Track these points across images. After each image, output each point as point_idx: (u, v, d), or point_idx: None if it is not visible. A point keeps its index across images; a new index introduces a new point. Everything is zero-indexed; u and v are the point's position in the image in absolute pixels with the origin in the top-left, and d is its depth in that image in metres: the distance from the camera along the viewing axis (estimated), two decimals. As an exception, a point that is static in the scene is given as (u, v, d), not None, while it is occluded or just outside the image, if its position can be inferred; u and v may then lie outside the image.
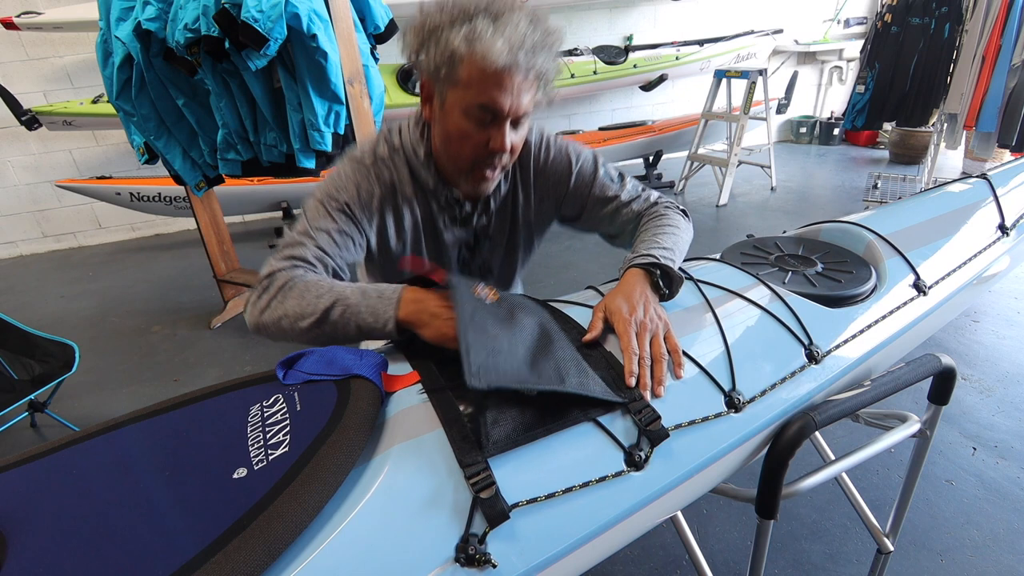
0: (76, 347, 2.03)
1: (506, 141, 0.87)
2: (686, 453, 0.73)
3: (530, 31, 0.81)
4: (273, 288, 0.83)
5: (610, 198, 1.05)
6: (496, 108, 0.83)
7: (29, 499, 0.61)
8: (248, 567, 0.48)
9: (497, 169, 0.92)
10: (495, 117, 0.85)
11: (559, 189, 1.06)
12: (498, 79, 0.81)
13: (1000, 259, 1.22)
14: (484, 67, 0.80)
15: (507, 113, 0.84)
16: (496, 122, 0.85)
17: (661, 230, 0.98)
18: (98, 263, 4.27)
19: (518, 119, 0.87)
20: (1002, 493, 1.60)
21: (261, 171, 2.48)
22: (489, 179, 0.93)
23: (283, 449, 0.61)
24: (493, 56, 0.78)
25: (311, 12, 1.94)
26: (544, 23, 0.85)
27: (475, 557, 0.56)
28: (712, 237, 3.76)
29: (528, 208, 1.07)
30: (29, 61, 4.12)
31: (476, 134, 0.86)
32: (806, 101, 6.46)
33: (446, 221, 1.02)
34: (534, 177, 1.05)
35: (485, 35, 0.78)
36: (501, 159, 0.90)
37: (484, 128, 0.86)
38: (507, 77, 0.81)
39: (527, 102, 0.86)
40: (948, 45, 3.66)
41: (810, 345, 0.87)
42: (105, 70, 2.35)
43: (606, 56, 4.82)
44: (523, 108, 0.86)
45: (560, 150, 1.05)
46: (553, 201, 1.08)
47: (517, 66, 0.80)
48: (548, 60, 0.85)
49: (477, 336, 0.67)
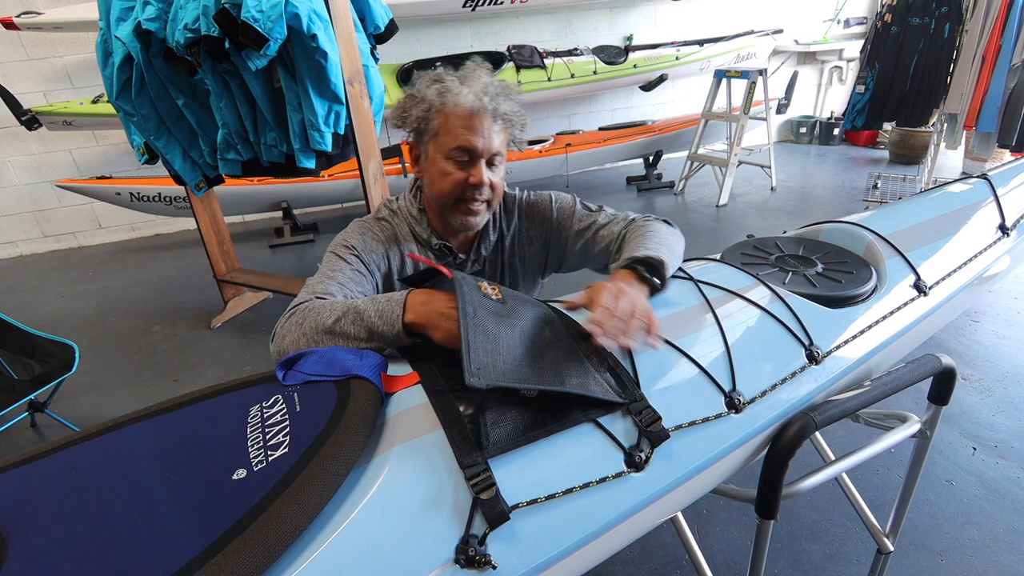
0: (76, 347, 2.03)
1: (483, 175, 0.98)
2: (686, 454, 0.73)
3: (491, 81, 0.99)
4: (296, 317, 0.87)
5: (589, 225, 1.13)
6: (470, 147, 0.96)
7: (29, 499, 0.61)
8: (248, 568, 0.48)
9: (480, 203, 1.02)
10: (471, 156, 0.98)
11: (544, 227, 1.16)
12: (468, 122, 0.95)
13: (1000, 259, 1.22)
14: (456, 113, 0.95)
15: (480, 152, 0.97)
16: (472, 160, 0.98)
17: (643, 237, 1.00)
18: (98, 263, 4.27)
19: (492, 158, 1.00)
20: (1002, 493, 1.60)
21: (261, 171, 2.48)
22: (475, 212, 1.02)
23: (283, 450, 0.61)
24: (462, 102, 0.95)
25: (311, 12, 1.94)
26: (503, 82, 1.02)
27: (475, 558, 0.56)
28: (712, 237, 3.76)
29: (515, 252, 1.17)
30: (29, 61, 4.12)
31: (457, 173, 0.98)
32: (806, 101, 6.46)
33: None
34: (519, 221, 1.16)
35: (454, 87, 0.96)
36: (482, 193, 1.00)
37: (463, 168, 0.98)
38: (476, 120, 0.95)
39: (498, 143, 0.99)
40: (948, 45, 3.66)
41: (810, 346, 0.87)
42: (105, 70, 2.35)
43: (606, 56, 4.82)
44: (495, 147, 0.98)
45: (541, 195, 1.18)
46: (541, 242, 1.17)
47: (484, 109, 0.95)
48: (510, 104, 0.99)
49: (478, 335, 0.67)
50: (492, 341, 0.68)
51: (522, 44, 4.66)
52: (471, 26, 4.97)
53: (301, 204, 4.42)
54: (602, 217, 1.12)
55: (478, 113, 0.95)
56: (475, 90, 0.95)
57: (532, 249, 1.18)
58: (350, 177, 4.06)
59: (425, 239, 1.09)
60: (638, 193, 4.95)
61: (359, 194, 3.19)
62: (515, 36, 5.07)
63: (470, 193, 0.99)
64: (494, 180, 1.01)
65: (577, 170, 4.95)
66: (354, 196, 4.28)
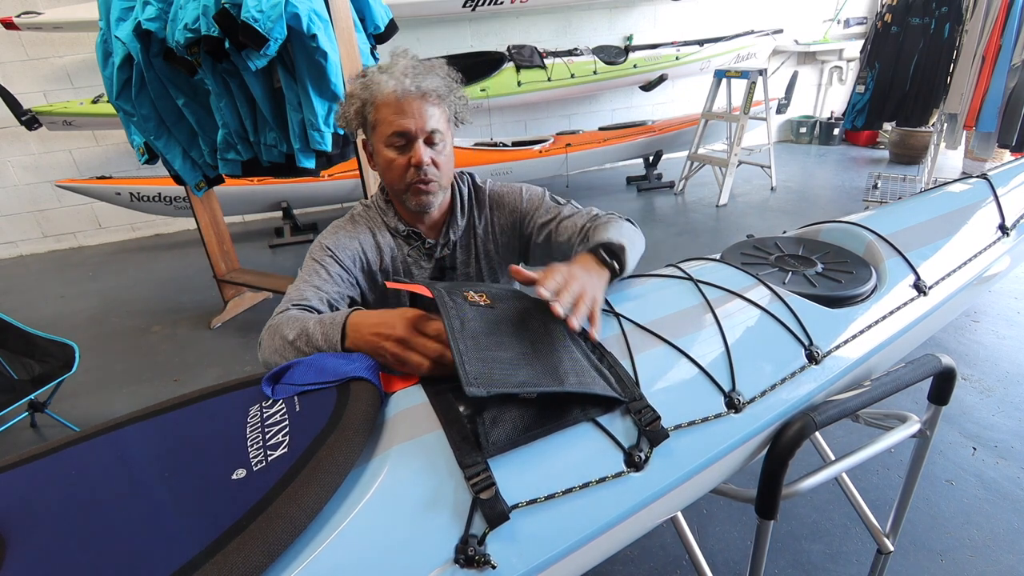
0: (76, 347, 2.03)
1: (422, 155, 1.00)
2: (686, 454, 0.73)
3: (412, 63, 1.00)
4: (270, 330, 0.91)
5: (554, 216, 1.15)
6: (403, 130, 0.99)
7: (29, 499, 0.61)
8: (247, 568, 0.48)
9: (430, 183, 1.04)
10: (407, 139, 1.00)
11: (514, 216, 1.18)
12: (397, 107, 0.98)
13: (1000, 259, 1.22)
14: (384, 101, 0.98)
15: (414, 132, 0.99)
16: (409, 143, 1.01)
17: (605, 228, 1.02)
18: (98, 263, 4.27)
19: (429, 137, 1.01)
20: (1002, 493, 1.60)
21: (261, 171, 2.48)
22: (427, 191, 1.05)
23: (282, 450, 0.61)
24: (384, 89, 0.98)
25: (311, 12, 1.94)
26: (427, 60, 1.04)
27: (474, 558, 0.56)
28: (712, 237, 3.76)
29: (489, 239, 1.19)
30: (29, 61, 4.13)
31: (399, 158, 1.02)
32: (806, 101, 6.46)
33: (412, 256, 1.15)
34: (489, 211, 1.19)
35: (375, 78, 0.99)
36: (427, 173, 1.02)
37: (404, 152, 1.01)
38: (403, 103, 0.98)
39: (433, 121, 1.01)
40: (948, 45, 3.65)
41: (810, 345, 0.87)
42: (105, 70, 2.35)
43: (606, 56, 4.82)
44: (429, 126, 1.00)
45: (512, 186, 1.20)
46: (511, 232, 1.19)
47: (407, 91, 0.98)
48: (436, 80, 1.01)
49: (469, 346, 0.67)
50: (485, 349, 0.68)
51: (522, 44, 4.66)
52: (471, 26, 4.97)
53: (301, 204, 4.42)
54: (567, 210, 1.14)
55: (403, 96, 0.97)
56: (395, 75, 0.98)
57: (504, 238, 1.20)
58: (350, 177, 4.06)
59: (394, 227, 1.13)
60: (638, 193, 4.95)
61: (359, 194, 3.20)
62: (515, 36, 5.07)
63: (415, 175, 1.02)
64: (437, 159, 1.03)
65: (577, 170, 4.95)
66: (354, 196, 4.28)
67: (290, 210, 4.34)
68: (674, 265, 1.06)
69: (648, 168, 5.06)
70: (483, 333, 0.70)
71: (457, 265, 1.18)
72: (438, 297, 0.73)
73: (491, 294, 0.81)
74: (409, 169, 1.02)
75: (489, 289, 0.83)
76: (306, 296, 0.97)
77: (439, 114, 1.02)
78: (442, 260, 1.16)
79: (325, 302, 0.99)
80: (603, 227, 1.02)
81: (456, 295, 0.76)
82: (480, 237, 1.18)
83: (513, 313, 0.77)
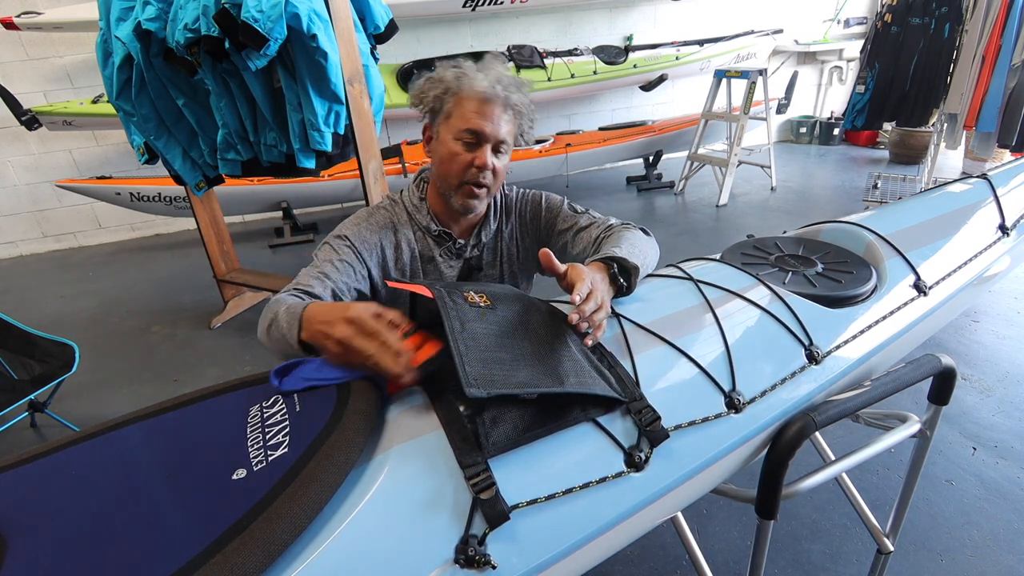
0: (76, 347, 2.03)
1: (488, 160, 1.02)
2: (686, 454, 0.73)
3: (506, 73, 1.04)
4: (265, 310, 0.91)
5: (571, 226, 1.16)
6: (479, 131, 1.00)
7: (29, 499, 0.61)
8: (247, 568, 0.48)
9: (483, 187, 1.05)
10: (479, 140, 1.01)
11: (535, 223, 1.21)
12: (480, 107, 1.00)
13: (1000, 259, 1.22)
14: (470, 96, 1.00)
15: (488, 136, 1.01)
16: (479, 144, 1.02)
17: (620, 238, 1.00)
18: (98, 263, 4.27)
19: (498, 145, 1.03)
20: (1002, 493, 1.60)
21: (261, 171, 2.48)
22: (477, 195, 1.06)
23: (282, 450, 0.61)
24: (477, 87, 0.99)
25: (311, 12, 1.94)
26: (518, 77, 1.06)
27: (475, 558, 0.56)
28: (712, 237, 3.76)
29: (512, 243, 1.22)
30: (29, 61, 4.12)
31: (464, 154, 1.02)
32: (806, 101, 6.46)
33: (443, 255, 1.16)
34: (516, 216, 1.21)
35: (471, 73, 1.01)
36: (485, 177, 1.04)
37: (471, 150, 1.02)
38: (488, 105, 1.00)
39: (505, 131, 1.03)
40: (948, 45, 3.65)
41: (810, 346, 0.87)
42: (105, 70, 2.35)
43: (606, 56, 4.82)
44: (502, 135, 1.02)
45: (535, 193, 1.23)
46: (532, 239, 1.22)
47: (496, 96, 1.00)
48: (521, 97, 1.04)
49: (469, 347, 0.67)
50: (486, 350, 0.68)
51: (522, 44, 4.66)
52: (471, 26, 4.97)
53: (301, 204, 4.42)
54: (584, 219, 1.15)
55: (490, 99, 1.00)
56: (490, 78, 1.00)
57: (525, 243, 1.22)
58: (350, 177, 4.06)
59: (424, 225, 1.13)
60: (638, 193, 4.95)
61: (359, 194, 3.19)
62: (515, 36, 5.07)
63: (473, 175, 1.03)
64: (497, 166, 1.05)
65: (577, 170, 4.95)
66: (354, 196, 4.28)
67: (290, 210, 4.34)
68: (674, 265, 1.06)
69: (648, 168, 5.05)
70: (483, 334, 0.70)
71: (484, 266, 1.20)
72: (438, 297, 0.73)
73: (491, 294, 0.81)
74: (470, 168, 1.02)
75: (489, 289, 0.83)
76: (310, 284, 0.97)
77: (512, 127, 1.04)
78: (471, 260, 1.18)
79: (329, 291, 0.98)
80: (618, 238, 1.01)
81: (457, 295, 0.76)
82: (505, 241, 1.21)
83: (513, 313, 0.77)
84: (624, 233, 1.04)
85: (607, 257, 0.91)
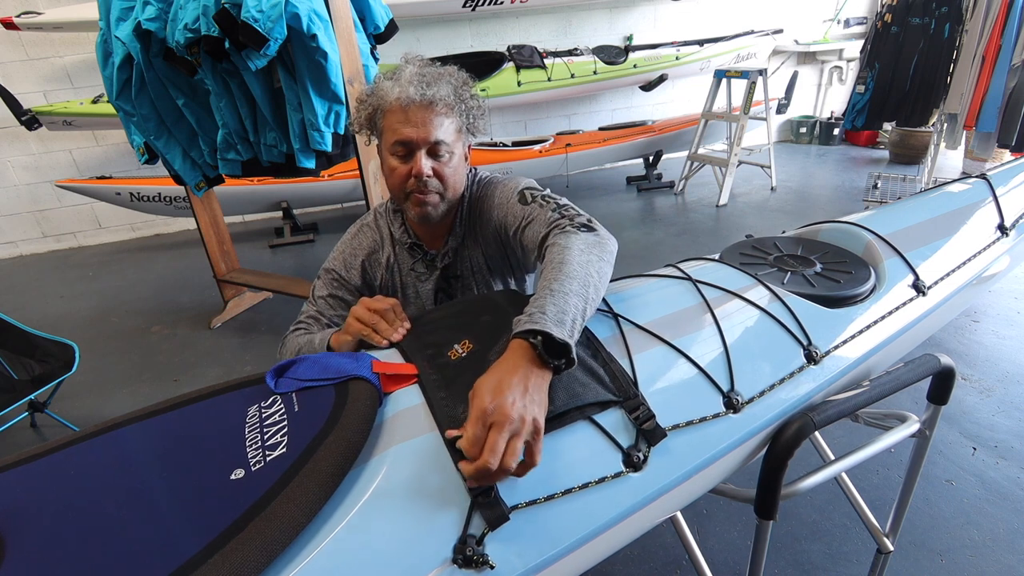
0: (76, 347, 2.04)
1: (423, 166, 0.98)
2: (685, 454, 0.73)
3: (419, 71, 0.98)
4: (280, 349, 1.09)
5: (519, 223, 0.99)
6: (404, 139, 0.97)
7: (29, 499, 0.61)
8: (246, 568, 0.48)
9: (430, 193, 1.01)
10: (410, 148, 0.98)
11: (488, 226, 1.09)
12: (402, 115, 0.96)
13: (1000, 259, 1.22)
14: (391, 109, 0.97)
15: (416, 142, 0.97)
16: (411, 152, 0.99)
17: (555, 274, 0.77)
18: (98, 263, 4.27)
19: (435, 147, 0.99)
20: (1002, 493, 1.59)
21: (261, 171, 2.48)
22: (426, 203, 1.02)
23: (281, 450, 0.61)
24: (390, 97, 0.97)
25: (311, 12, 1.94)
26: (439, 65, 1.02)
27: (473, 558, 0.56)
28: (712, 237, 3.76)
29: (476, 243, 1.13)
30: (29, 61, 4.13)
31: (400, 167, 1.00)
32: (806, 101, 6.46)
33: (418, 268, 1.15)
34: (477, 213, 1.12)
35: (384, 85, 0.99)
36: (429, 184, 1.00)
37: (405, 161, 1.00)
38: (408, 111, 0.96)
39: (439, 131, 0.98)
40: (948, 45, 3.65)
41: (809, 345, 0.87)
42: (105, 70, 2.35)
43: (606, 56, 4.82)
44: (433, 136, 0.97)
45: (492, 182, 1.12)
46: (493, 232, 1.08)
47: (412, 100, 0.95)
48: (443, 88, 0.97)
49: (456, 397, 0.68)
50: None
51: (522, 44, 4.66)
52: (471, 26, 4.97)
53: (301, 204, 4.42)
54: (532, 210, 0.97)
55: (407, 104, 0.96)
56: (400, 82, 0.97)
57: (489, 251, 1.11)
58: (350, 177, 4.06)
59: (398, 238, 1.14)
60: (638, 193, 4.95)
61: (359, 194, 3.19)
62: (515, 36, 5.07)
63: (413, 185, 1.00)
64: (442, 170, 1.00)
65: (577, 170, 4.95)
66: (354, 196, 4.28)
67: (290, 210, 4.34)
68: (673, 265, 1.06)
69: (648, 168, 5.06)
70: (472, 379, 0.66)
71: (459, 273, 1.14)
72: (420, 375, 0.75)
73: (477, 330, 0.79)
74: (409, 178, 1.00)
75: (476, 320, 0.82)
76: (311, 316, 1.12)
77: (447, 124, 0.99)
78: (446, 269, 1.14)
79: (323, 325, 1.10)
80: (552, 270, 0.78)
81: (441, 357, 0.76)
82: (470, 248, 1.12)
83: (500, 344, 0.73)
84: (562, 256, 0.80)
85: (527, 331, 0.67)
